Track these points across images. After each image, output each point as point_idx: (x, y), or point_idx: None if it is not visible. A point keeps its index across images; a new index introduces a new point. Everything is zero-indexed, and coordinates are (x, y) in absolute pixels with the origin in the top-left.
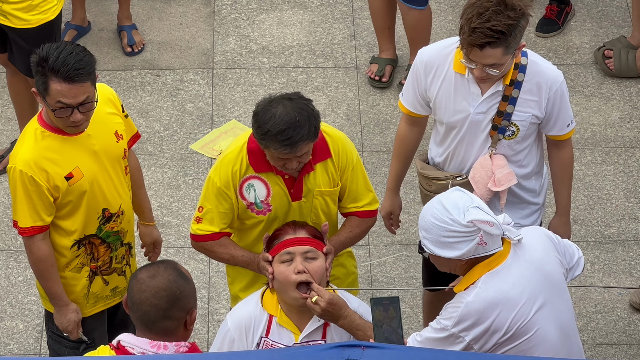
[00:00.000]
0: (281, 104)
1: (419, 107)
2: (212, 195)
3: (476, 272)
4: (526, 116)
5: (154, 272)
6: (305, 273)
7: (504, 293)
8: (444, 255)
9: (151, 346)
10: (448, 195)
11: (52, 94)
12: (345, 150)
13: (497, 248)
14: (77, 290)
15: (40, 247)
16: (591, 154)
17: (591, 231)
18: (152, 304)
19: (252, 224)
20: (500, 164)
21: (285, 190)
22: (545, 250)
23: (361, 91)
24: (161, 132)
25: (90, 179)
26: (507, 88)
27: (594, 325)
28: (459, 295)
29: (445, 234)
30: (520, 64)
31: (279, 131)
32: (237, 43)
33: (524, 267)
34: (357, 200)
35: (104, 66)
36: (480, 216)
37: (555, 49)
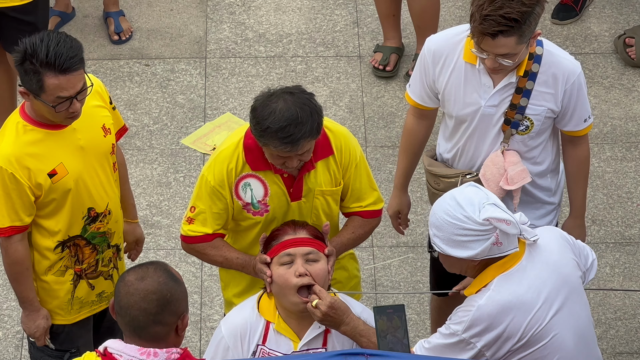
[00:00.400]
0: (281, 99)
1: (427, 99)
2: (206, 194)
3: (489, 274)
4: (541, 110)
5: (142, 274)
6: (307, 276)
7: (518, 296)
8: (456, 255)
9: (140, 353)
10: (462, 191)
11: (49, 89)
12: (348, 147)
13: (512, 249)
14: (60, 295)
15: (18, 249)
16: (611, 150)
17: (611, 232)
18: (141, 308)
19: (248, 225)
20: (513, 160)
21: (284, 189)
22: (561, 252)
23: (364, 82)
24: (150, 126)
25: (75, 176)
26: (521, 80)
27: (614, 333)
28: (470, 298)
29: (459, 232)
30: (535, 54)
31: (280, 128)
32: (231, 30)
33: (540, 269)
34: (360, 200)
35: (89, 55)
36: (497, 214)
37: (572, 37)
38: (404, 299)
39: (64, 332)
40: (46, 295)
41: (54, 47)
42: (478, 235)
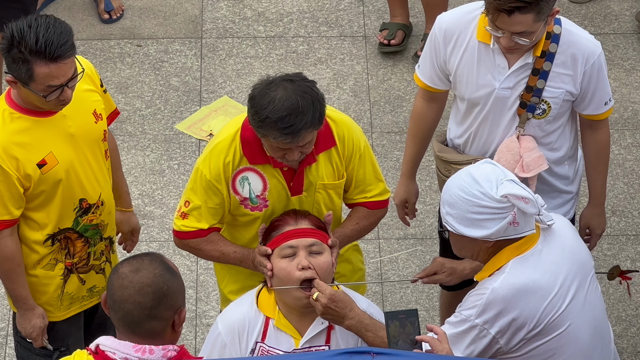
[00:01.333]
0: (281, 87)
1: (437, 81)
2: (201, 188)
3: (503, 256)
4: (559, 92)
5: (137, 266)
6: (311, 269)
7: (535, 280)
8: (470, 235)
9: (135, 350)
10: (478, 167)
11: (39, 78)
12: (351, 137)
13: (529, 230)
14: (50, 291)
15: (7, 244)
16: (632, 136)
17: (632, 223)
18: (136, 302)
19: (246, 221)
20: (529, 146)
21: (284, 183)
22: (576, 238)
23: (370, 64)
24: (143, 110)
25: (65, 165)
26: (538, 60)
27: (635, 331)
28: (483, 282)
29: (474, 210)
30: (553, 33)
31: (279, 118)
32: (229, 9)
33: (556, 254)
34: (365, 191)
35: (78, 35)
36: (515, 190)
37: (591, 17)
38: (412, 295)
39: (54, 330)
40: (35, 290)
41: (43, 33)
42: (494, 213)
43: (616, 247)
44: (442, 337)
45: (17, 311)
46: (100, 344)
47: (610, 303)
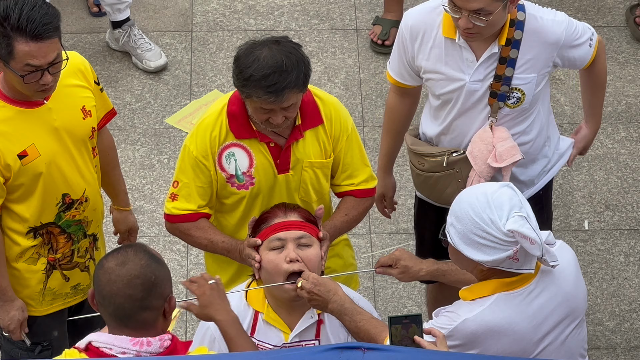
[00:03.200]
0: (266, 47)
1: (407, 77)
2: (189, 166)
3: (491, 286)
4: (530, 78)
5: (123, 259)
6: (299, 262)
7: (512, 324)
8: (467, 254)
9: (132, 344)
10: (497, 190)
11: (18, 56)
12: (339, 116)
13: (527, 269)
14: (32, 285)
15: None
16: (626, 130)
17: (625, 218)
18: (126, 295)
19: (232, 203)
20: (502, 136)
21: (271, 160)
22: (576, 280)
23: (362, 57)
24: (132, 104)
25: (47, 159)
26: (504, 49)
27: (628, 326)
28: (459, 304)
29: (478, 233)
30: (517, 20)
31: (263, 76)
32: (219, 2)
33: (547, 299)
34: (352, 177)
35: (67, 28)
36: (524, 229)
37: (584, 9)
38: (404, 290)
39: (35, 324)
40: (16, 283)
41: (27, 11)
42: (497, 243)
43: (610, 241)
44: (440, 339)
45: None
46: (92, 341)
47: (604, 298)
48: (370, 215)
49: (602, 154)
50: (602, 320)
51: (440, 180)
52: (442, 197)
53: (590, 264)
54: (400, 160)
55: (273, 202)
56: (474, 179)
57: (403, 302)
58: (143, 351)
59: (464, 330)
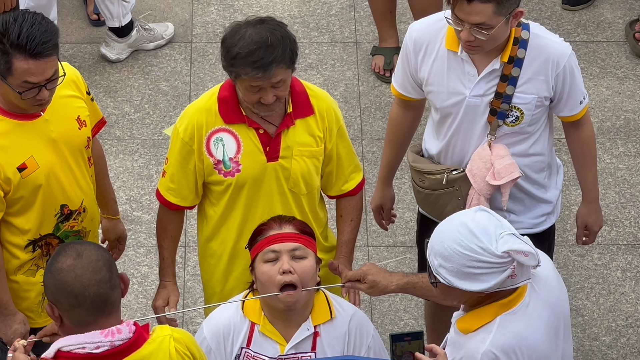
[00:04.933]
0: (251, 26)
1: (410, 90)
2: (177, 147)
3: (490, 312)
4: (530, 98)
5: (75, 253)
6: (292, 273)
7: (523, 339)
8: (466, 288)
9: (104, 335)
10: (473, 218)
11: (17, 73)
12: (330, 109)
13: (525, 280)
14: (31, 297)
15: None
16: (624, 145)
17: (623, 233)
18: (97, 281)
19: (219, 191)
20: (500, 154)
21: (260, 147)
22: (560, 286)
23: (361, 70)
24: (131, 115)
25: (46, 170)
26: (506, 66)
27: (625, 341)
28: (469, 340)
29: (472, 264)
30: (521, 39)
31: (249, 52)
32: (219, 13)
33: (542, 308)
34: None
35: (67, 38)
36: (517, 245)
37: (584, 24)
38: (401, 303)
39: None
40: (15, 296)
41: (27, 28)
42: (494, 267)
43: (607, 256)
44: (441, 357)
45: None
46: (61, 347)
47: (600, 313)
48: (367, 228)
49: (600, 169)
50: (599, 335)
51: (440, 197)
52: (443, 214)
53: (587, 279)
54: (398, 173)
55: (261, 192)
56: (474, 197)
57: (400, 315)
58: (116, 340)
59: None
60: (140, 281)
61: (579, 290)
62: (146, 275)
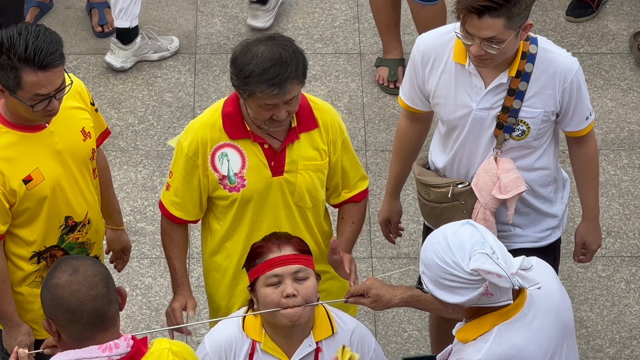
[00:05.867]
0: (262, 44)
1: (418, 102)
2: (181, 162)
3: (488, 322)
4: (537, 112)
5: (71, 269)
6: (296, 297)
7: (520, 350)
8: (443, 299)
9: (102, 350)
10: (456, 231)
11: (26, 86)
12: (334, 122)
13: (505, 301)
14: (35, 309)
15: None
16: (628, 157)
17: (627, 245)
18: (94, 296)
19: (225, 205)
20: (506, 167)
21: (265, 161)
22: (562, 294)
23: (365, 81)
24: (135, 126)
25: (51, 182)
26: (514, 80)
27: (629, 353)
28: (464, 348)
29: (446, 277)
30: (529, 53)
31: (264, 70)
32: (223, 25)
33: (543, 318)
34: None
35: (71, 50)
36: (486, 266)
37: (588, 36)
38: (405, 314)
39: (38, 349)
40: (20, 308)
41: (33, 41)
42: (466, 283)
43: (611, 268)
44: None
45: (3, 328)
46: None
47: (604, 324)
48: (372, 239)
49: (604, 181)
50: (603, 347)
51: (445, 211)
52: None
53: (591, 291)
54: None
55: (267, 207)
56: (479, 210)
57: (404, 327)
58: (114, 354)
59: None
60: (144, 292)
61: (583, 302)
62: (150, 287)
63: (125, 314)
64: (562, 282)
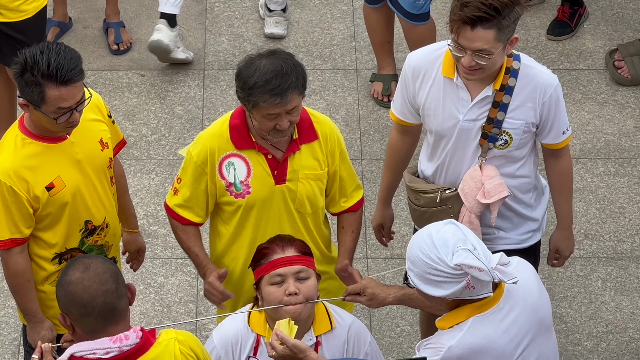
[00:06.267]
0: (264, 58)
1: (408, 115)
2: (190, 170)
3: (464, 312)
4: (519, 124)
5: (83, 266)
6: (297, 295)
7: (491, 342)
8: (428, 293)
9: (113, 342)
10: (440, 230)
11: (50, 101)
12: (333, 134)
13: (486, 293)
14: (56, 305)
15: (18, 261)
16: (604, 165)
17: (603, 246)
18: (104, 292)
19: (231, 211)
20: (490, 174)
21: (268, 170)
22: (540, 291)
23: (361, 95)
24: (148, 137)
25: (72, 189)
26: (498, 94)
27: (605, 347)
28: (441, 335)
29: (431, 272)
30: (512, 69)
31: (266, 81)
32: (230, 43)
33: (518, 313)
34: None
35: (89, 66)
36: (468, 261)
37: (567, 53)
38: (397, 310)
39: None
40: (42, 305)
41: (55, 58)
42: (450, 277)
43: (588, 268)
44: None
45: (27, 324)
46: (74, 353)
47: (582, 320)
48: (367, 241)
49: (582, 187)
50: (581, 340)
51: (434, 215)
52: None
53: (570, 289)
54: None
55: (270, 213)
56: (465, 214)
57: (397, 322)
58: (124, 345)
59: (451, 357)
60: (156, 290)
61: (563, 299)
62: (162, 285)
63: (139, 310)
64: (543, 280)
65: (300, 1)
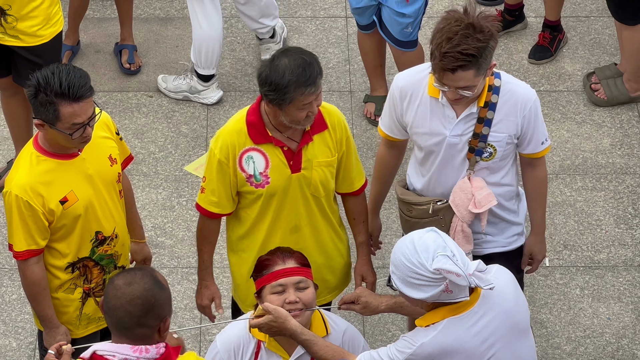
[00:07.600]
0: (282, 56)
1: (396, 131)
2: (214, 166)
3: (440, 313)
4: (502, 137)
5: (130, 279)
6: (297, 303)
7: (462, 343)
8: (409, 295)
9: (133, 351)
10: (422, 236)
11: (64, 118)
12: (340, 123)
13: (463, 297)
14: (70, 311)
15: (34, 271)
16: (582, 180)
17: (581, 256)
18: (126, 311)
19: (251, 199)
20: (479, 185)
21: (285, 161)
22: (516, 297)
23: (355, 115)
24: (156, 154)
25: (84, 202)
26: (482, 110)
27: (583, 350)
28: (417, 331)
29: (412, 275)
30: (494, 86)
31: (298, 75)
32: (232, 66)
33: (492, 317)
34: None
35: (100, 87)
36: (447, 266)
37: (547, 76)
38: (389, 315)
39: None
40: (57, 311)
41: (65, 77)
42: (429, 281)
43: (567, 276)
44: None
45: (44, 329)
46: (97, 350)
47: (561, 325)
48: None
49: (562, 201)
50: (560, 344)
51: (426, 225)
52: None
53: (550, 296)
54: (387, 204)
55: (288, 199)
56: (457, 224)
57: (388, 327)
58: (142, 357)
59: (422, 353)
60: None
61: (543, 306)
62: None
63: None
64: (525, 288)
65: (298, 27)
